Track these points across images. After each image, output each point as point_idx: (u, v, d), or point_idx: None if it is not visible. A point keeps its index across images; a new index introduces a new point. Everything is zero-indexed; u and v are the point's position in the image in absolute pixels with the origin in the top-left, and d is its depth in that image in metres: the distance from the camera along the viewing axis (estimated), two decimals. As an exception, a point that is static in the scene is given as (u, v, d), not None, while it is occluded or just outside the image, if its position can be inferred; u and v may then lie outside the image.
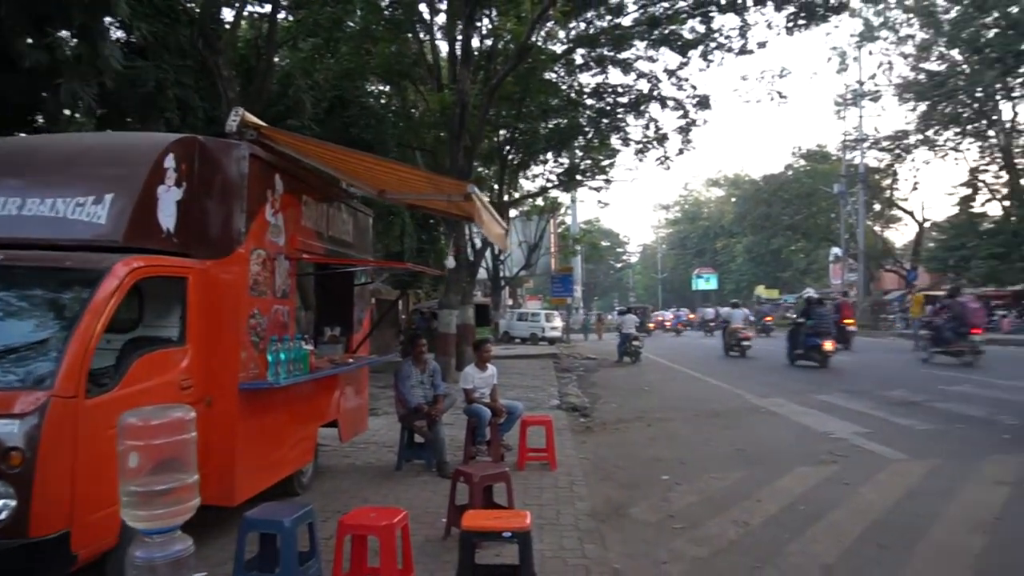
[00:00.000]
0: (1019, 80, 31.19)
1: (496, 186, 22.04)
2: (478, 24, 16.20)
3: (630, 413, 10.58)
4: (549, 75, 17.92)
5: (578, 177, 23.97)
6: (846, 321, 19.68)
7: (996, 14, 29.94)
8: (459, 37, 14.68)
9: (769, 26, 15.73)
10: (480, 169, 22.49)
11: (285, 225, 4.94)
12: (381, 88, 18.62)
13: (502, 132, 20.48)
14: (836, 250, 44.17)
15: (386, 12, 14.95)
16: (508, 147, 21.17)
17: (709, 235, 75.04)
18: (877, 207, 43.04)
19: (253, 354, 4.49)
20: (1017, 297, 30.52)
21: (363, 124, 14.75)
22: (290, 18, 14.43)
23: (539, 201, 29.00)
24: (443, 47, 16.80)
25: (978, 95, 32.70)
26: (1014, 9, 29.99)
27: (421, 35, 16.14)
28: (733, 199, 67.38)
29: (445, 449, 6.56)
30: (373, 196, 6.23)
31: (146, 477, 2.07)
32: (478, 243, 20.26)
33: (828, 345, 16.07)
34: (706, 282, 66.49)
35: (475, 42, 16.25)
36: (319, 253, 5.77)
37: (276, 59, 13.33)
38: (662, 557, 4.41)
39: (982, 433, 8.05)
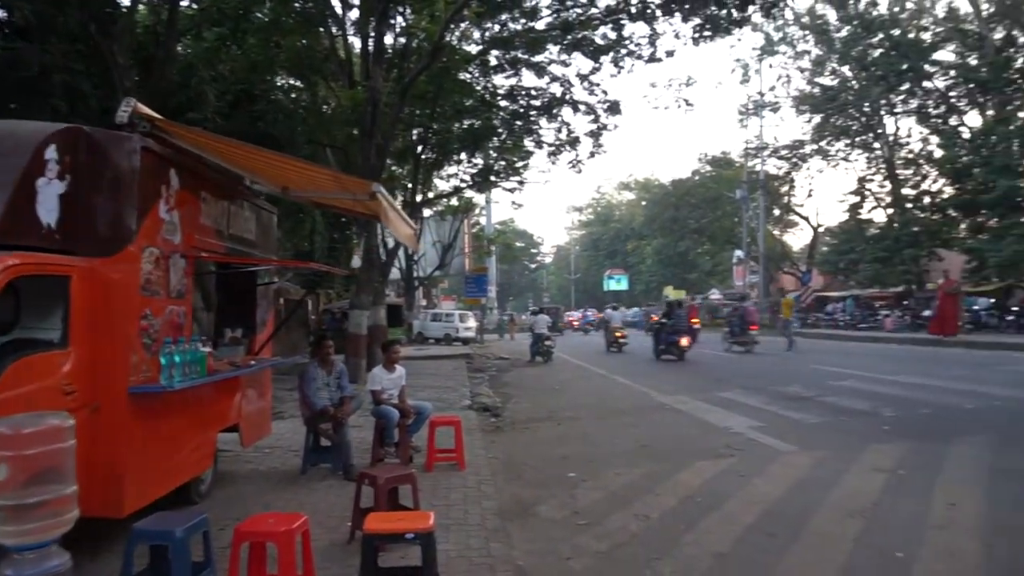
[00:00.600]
0: (901, 97, 33.64)
1: (409, 185, 21.85)
2: (392, 21, 16.00)
3: (540, 412, 10.74)
4: (463, 75, 17.90)
5: (492, 178, 24.08)
6: (693, 320, 22.34)
7: (881, 35, 32.17)
8: (372, 34, 14.46)
9: (677, 36, 16.33)
10: (394, 168, 22.22)
11: (181, 222, 4.73)
12: (291, 83, 18.11)
13: (416, 131, 20.30)
14: (739, 253, 46.21)
15: (296, 5, 14.55)
16: (422, 146, 21.00)
17: (620, 237, 76.92)
18: (776, 212, 45.41)
19: (145, 357, 4.28)
20: (899, 298, 32.79)
21: (271, 119, 14.29)
22: (194, 5, 13.82)
23: (453, 201, 28.93)
24: (356, 43, 16.49)
25: (865, 110, 35.04)
26: (897, 32, 32.35)
27: (333, 30, 15.80)
28: (643, 203, 69.31)
29: (351, 452, 6.46)
30: (276, 193, 6.05)
31: (17, 490, 1.94)
32: (391, 243, 20.01)
33: (684, 341, 18.90)
34: (617, 283, 68.10)
35: (388, 39, 16.06)
36: (219, 252, 5.57)
37: (178, 48, 12.75)
38: (566, 553, 4.50)
39: (865, 425, 8.63)
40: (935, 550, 4.30)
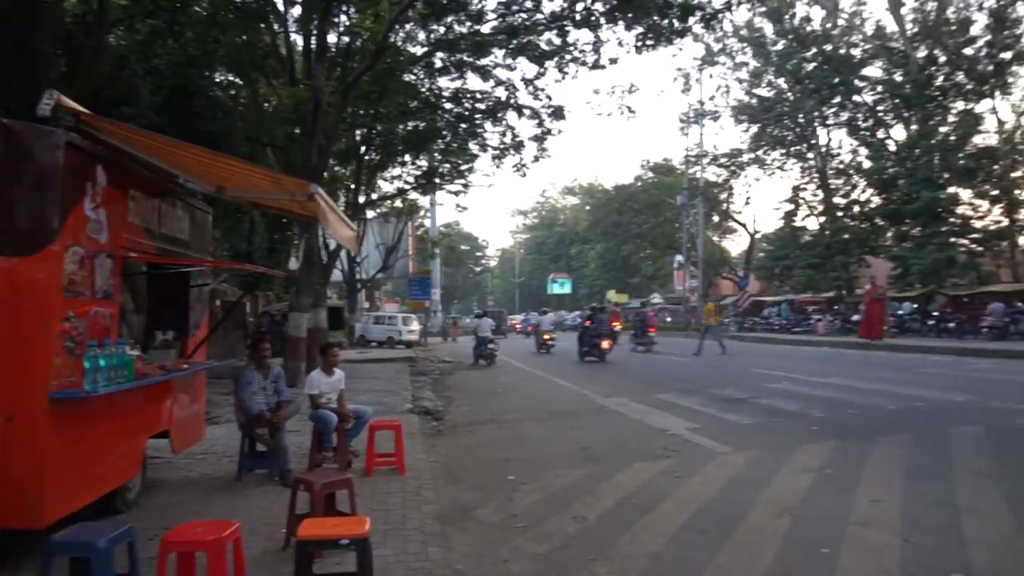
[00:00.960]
0: (832, 110, 35.00)
1: (352, 186, 21.58)
2: (335, 20, 15.77)
3: (482, 415, 10.74)
4: (408, 77, 17.78)
5: (436, 180, 24.00)
6: (614, 324, 24.07)
7: (815, 50, 33.42)
8: (314, 31, 14.22)
9: (620, 44, 16.75)
10: (336, 168, 21.90)
11: (108, 221, 4.55)
12: (230, 79, 17.65)
13: (359, 131, 20.07)
14: (679, 258, 47.23)
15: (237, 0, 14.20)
16: (365, 147, 20.78)
17: (565, 241, 77.70)
18: (716, 218, 46.63)
19: (68, 360, 4.10)
20: (830, 303, 34.05)
21: (209, 116, 13.89)
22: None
23: (398, 203, 28.71)
24: (299, 40, 16.19)
25: (800, 121, 36.32)
26: (829, 47, 33.67)
27: (275, 26, 15.47)
28: (587, 207, 70.20)
29: (288, 457, 6.33)
30: (211, 193, 5.89)
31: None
32: (332, 244, 19.72)
33: (605, 344, 20.10)
34: (561, 287, 68.72)
35: (332, 38, 15.81)
36: (149, 252, 5.38)
37: (111, 40, 12.27)
38: (504, 556, 4.52)
39: (795, 426, 8.93)
40: (857, 546, 4.48)
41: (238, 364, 8.21)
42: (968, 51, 30.75)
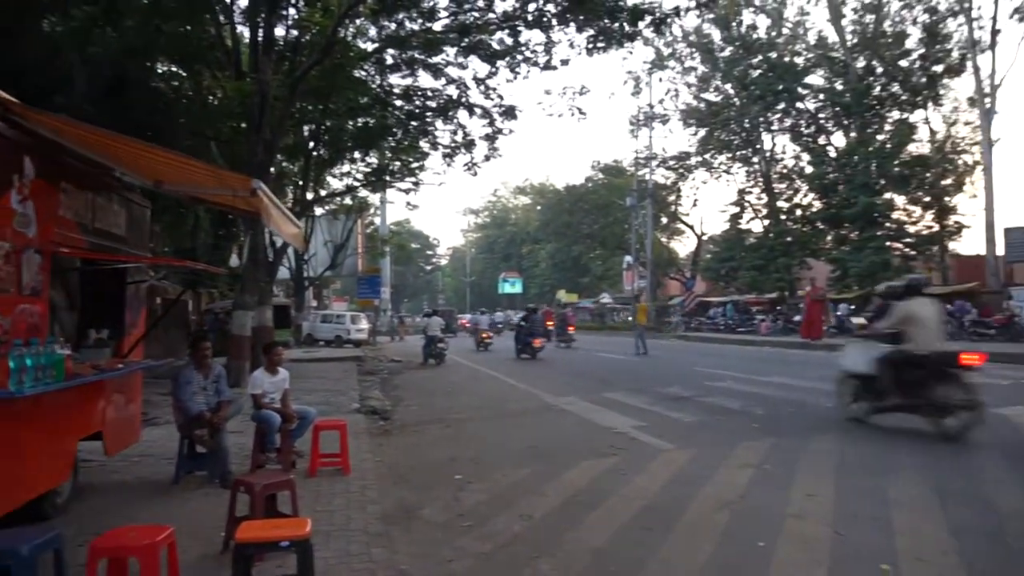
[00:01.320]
0: (777, 116, 35.99)
1: (300, 182, 21.22)
2: (283, 13, 15.48)
3: (430, 415, 10.69)
4: (358, 73, 17.57)
5: (387, 178, 23.78)
6: (548, 323, 26.36)
7: (760, 57, 34.32)
8: (262, 24, 13.92)
9: (571, 45, 16.68)
10: (284, 164, 21.51)
11: (37, 215, 4.37)
12: (174, 70, 17.12)
13: (307, 127, 19.74)
14: (628, 258, 47.87)
15: (180, -12, 13.76)
16: (314, 143, 20.45)
17: (516, 241, 77.92)
18: (664, 220, 47.42)
19: (-9, 360, 3.93)
20: (773, 304, 35.01)
21: (150, 108, 13.45)
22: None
23: (347, 200, 28.35)
24: (246, 33, 15.79)
25: (746, 126, 37.23)
26: (773, 55, 34.63)
27: (221, 18, 15.07)
28: (539, 207, 70.53)
29: (229, 459, 6.18)
30: (148, 187, 5.71)
31: None
32: (279, 242, 19.36)
33: (537, 343, 21.36)
34: (512, 286, 68.84)
35: (280, 31, 15.52)
36: (82, 247, 5.18)
37: (43, 26, 11.77)
38: (448, 555, 4.50)
39: (737, 423, 9.15)
40: (792, 538, 4.62)
41: (177, 363, 7.98)
42: (903, 63, 32.04)
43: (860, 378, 8.69)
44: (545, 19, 15.96)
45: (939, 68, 31.08)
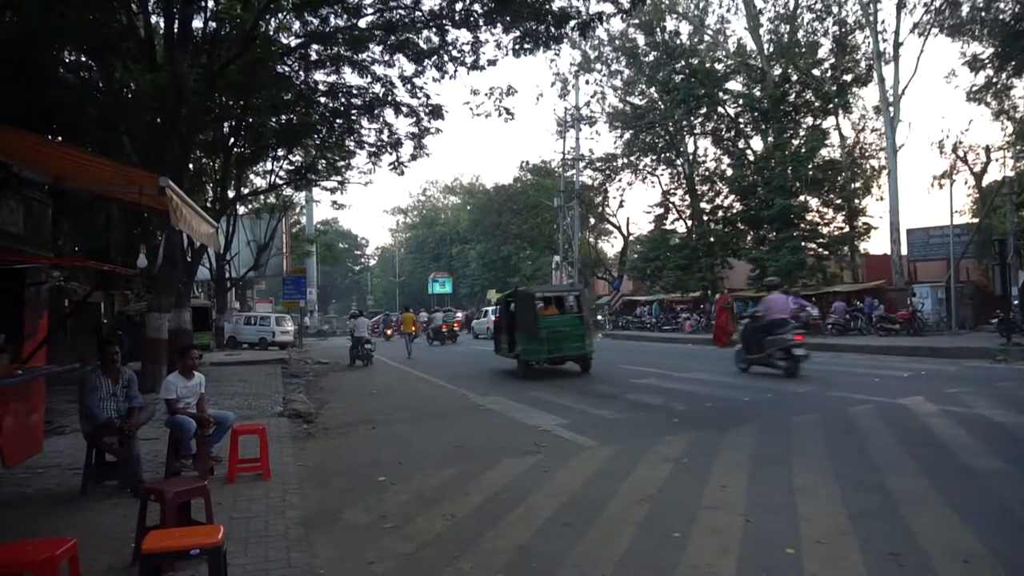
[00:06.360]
0: (699, 120, 37.08)
1: (219, 178, 20.54)
2: (201, 4, 14.93)
3: (355, 417, 10.56)
4: (281, 68, 17.14)
5: (311, 176, 23.30)
6: (456, 324, 32.93)
7: (683, 62, 35.28)
8: (176, 15, 13.40)
9: (499, 46, 16.73)
10: (203, 161, 20.79)
11: (-77, 212, 4.11)
12: (83, 60, 16.24)
13: (227, 123, 19.12)
14: (556, 258, 48.33)
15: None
16: (234, 139, 19.83)
17: (446, 240, 77.52)
18: (592, 221, 48.10)
19: None
20: (697, 303, 36.04)
21: (56, 99, 12.73)
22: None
23: (271, 199, 27.62)
24: (161, 23, 15.14)
25: (670, 129, 38.16)
26: (695, 61, 35.68)
27: (132, 6, 14.40)
28: (468, 207, 70.44)
29: (140, 466, 5.95)
30: (47, 183, 5.42)
31: None
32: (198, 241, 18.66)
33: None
34: (441, 286, 68.47)
35: (197, 23, 14.95)
36: (-26, 247, 4.89)
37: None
38: (369, 557, 4.47)
39: (658, 419, 9.39)
40: (705, 528, 4.79)
41: (84, 369, 7.61)
42: (816, 72, 33.57)
43: (743, 344, 14.36)
44: (472, 18, 15.94)
45: (848, 77, 32.73)
